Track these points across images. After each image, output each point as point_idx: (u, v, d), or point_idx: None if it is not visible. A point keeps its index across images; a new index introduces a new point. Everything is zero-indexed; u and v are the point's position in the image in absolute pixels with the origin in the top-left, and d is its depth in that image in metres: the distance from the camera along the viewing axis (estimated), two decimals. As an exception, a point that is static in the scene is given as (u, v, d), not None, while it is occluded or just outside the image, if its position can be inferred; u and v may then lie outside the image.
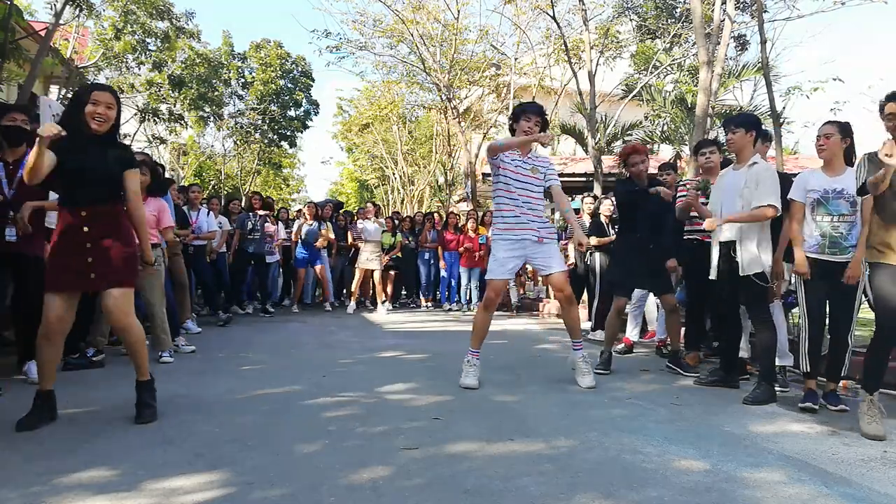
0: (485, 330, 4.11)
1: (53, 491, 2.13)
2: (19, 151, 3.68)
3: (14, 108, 3.82)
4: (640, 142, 12.98)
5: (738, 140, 3.90)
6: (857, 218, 3.54)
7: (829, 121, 3.74)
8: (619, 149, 13.57)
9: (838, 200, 3.57)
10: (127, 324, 2.95)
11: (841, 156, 3.65)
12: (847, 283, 3.49)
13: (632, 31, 14.37)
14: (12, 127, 3.61)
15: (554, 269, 4.04)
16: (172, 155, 22.88)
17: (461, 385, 3.90)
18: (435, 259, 9.84)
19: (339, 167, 32.32)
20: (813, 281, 3.63)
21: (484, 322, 4.11)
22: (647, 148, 5.06)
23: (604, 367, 4.58)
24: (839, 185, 3.58)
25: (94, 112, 2.87)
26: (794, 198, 3.73)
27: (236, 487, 2.19)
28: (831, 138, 3.61)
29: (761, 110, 11.02)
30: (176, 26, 14.19)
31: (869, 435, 3.01)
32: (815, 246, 3.63)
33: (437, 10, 14.64)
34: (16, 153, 3.67)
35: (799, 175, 3.87)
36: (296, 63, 22.64)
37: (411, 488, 2.21)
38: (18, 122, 3.64)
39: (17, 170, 3.61)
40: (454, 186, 18.57)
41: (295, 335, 6.47)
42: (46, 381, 2.95)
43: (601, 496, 2.17)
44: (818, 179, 3.68)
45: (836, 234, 3.57)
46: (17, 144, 3.66)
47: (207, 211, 7.07)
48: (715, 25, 9.37)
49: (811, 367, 3.70)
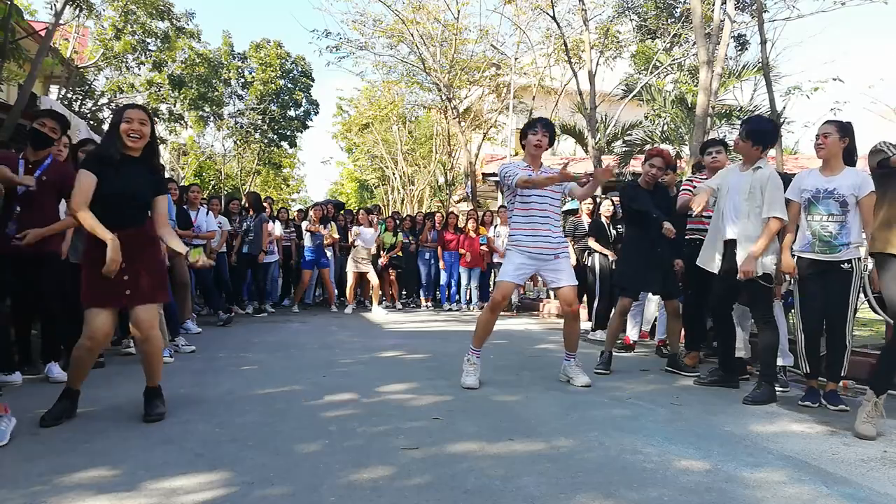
0: (488, 330, 4.11)
1: (54, 491, 2.13)
2: (41, 154, 3.84)
3: (47, 115, 3.96)
4: (640, 142, 12.99)
5: (742, 149, 3.97)
6: (847, 218, 3.54)
7: (829, 120, 3.75)
8: (618, 149, 13.60)
9: (828, 200, 3.59)
10: (152, 335, 3.06)
11: (839, 155, 3.64)
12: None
13: (632, 31, 14.38)
14: (41, 132, 3.78)
15: (564, 282, 4.05)
16: (172, 155, 22.91)
17: (462, 385, 3.90)
18: (435, 259, 9.84)
19: (339, 167, 32.36)
20: (806, 280, 3.65)
21: (488, 323, 4.10)
22: (673, 159, 5.03)
23: (604, 367, 4.58)
24: (832, 185, 3.59)
25: (128, 129, 2.96)
26: (789, 197, 3.76)
27: (236, 487, 2.19)
28: (829, 137, 3.61)
29: (761, 110, 11.01)
30: (176, 26, 14.21)
31: (861, 434, 3.00)
32: (807, 245, 3.66)
33: (437, 10, 14.65)
34: (38, 155, 3.83)
35: (797, 175, 3.89)
36: (296, 63, 22.66)
37: (411, 488, 2.21)
38: (47, 128, 3.80)
39: (35, 170, 3.77)
40: (454, 186, 18.57)
41: (295, 335, 6.47)
42: (79, 382, 3.06)
43: (601, 496, 2.17)
44: (812, 179, 3.70)
45: (826, 234, 3.58)
46: (42, 148, 3.83)
47: (207, 211, 7.06)
48: (715, 25, 9.37)
49: (810, 368, 3.71)
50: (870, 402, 3.10)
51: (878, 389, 3.12)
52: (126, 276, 2.93)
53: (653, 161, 4.69)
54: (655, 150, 4.83)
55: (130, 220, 3.00)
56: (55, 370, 3.88)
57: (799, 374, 4.58)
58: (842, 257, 3.54)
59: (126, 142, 2.97)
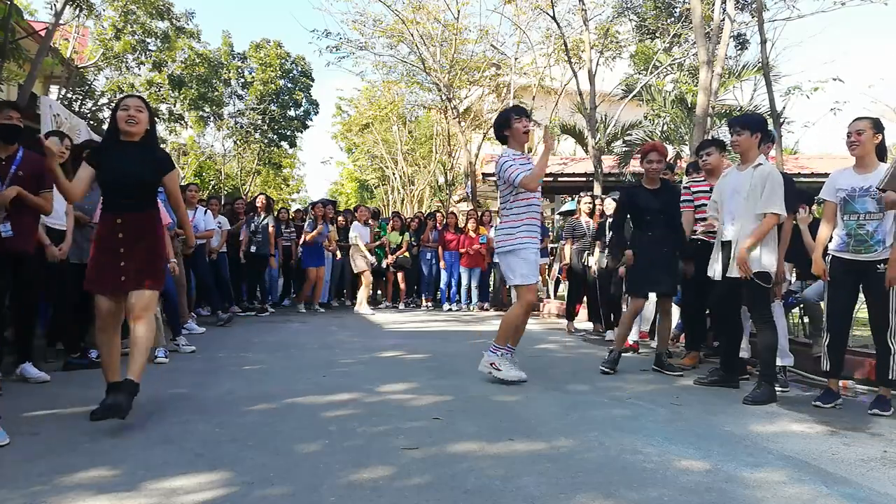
0: (520, 330, 4.25)
1: (54, 490, 2.13)
2: (12, 148, 3.68)
3: (9, 106, 3.82)
4: (640, 142, 12.98)
5: (743, 142, 3.87)
6: (884, 215, 3.47)
7: (861, 116, 3.65)
8: (618, 149, 13.60)
9: (864, 198, 3.52)
10: (145, 317, 3.00)
11: (873, 152, 3.57)
12: (889, 286, 3.41)
13: (631, 31, 14.37)
14: (7, 125, 3.62)
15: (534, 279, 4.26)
16: (172, 155, 22.90)
17: (517, 380, 4.01)
18: (436, 259, 9.84)
19: (339, 167, 32.35)
20: (838, 278, 3.60)
21: (522, 322, 4.24)
22: (666, 149, 5.06)
23: (610, 365, 4.56)
24: (867, 182, 3.51)
25: (125, 116, 3.04)
26: (824, 197, 3.72)
27: (237, 487, 2.19)
28: (863, 134, 3.52)
29: (761, 110, 11.00)
30: (176, 26, 14.20)
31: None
32: (843, 245, 3.61)
33: (437, 10, 14.64)
34: (9, 150, 3.67)
35: (831, 174, 3.82)
36: (295, 63, 22.64)
37: (411, 488, 2.21)
38: (14, 119, 3.65)
39: (9, 166, 3.60)
40: (454, 186, 18.57)
41: (295, 335, 6.47)
42: (112, 373, 3.02)
43: (601, 496, 2.17)
44: (847, 178, 3.63)
45: (862, 233, 3.52)
46: (12, 142, 3.67)
47: (205, 210, 7.07)
48: (715, 25, 9.37)
49: (831, 366, 3.65)
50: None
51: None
52: (122, 262, 2.98)
53: (649, 157, 4.69)
54: (649, 146, 4.82)
55: (131, 205, 3.04)
56: (30, 370, 3.83)
57: (798, 373, 4.59)
58: (879, 256, 3.46)
59: (124, 127, 3.03)
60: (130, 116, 3.03)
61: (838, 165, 3.80)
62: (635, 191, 4.79)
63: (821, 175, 10.27)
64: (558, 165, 15.56)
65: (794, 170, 12.58)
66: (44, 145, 2.96)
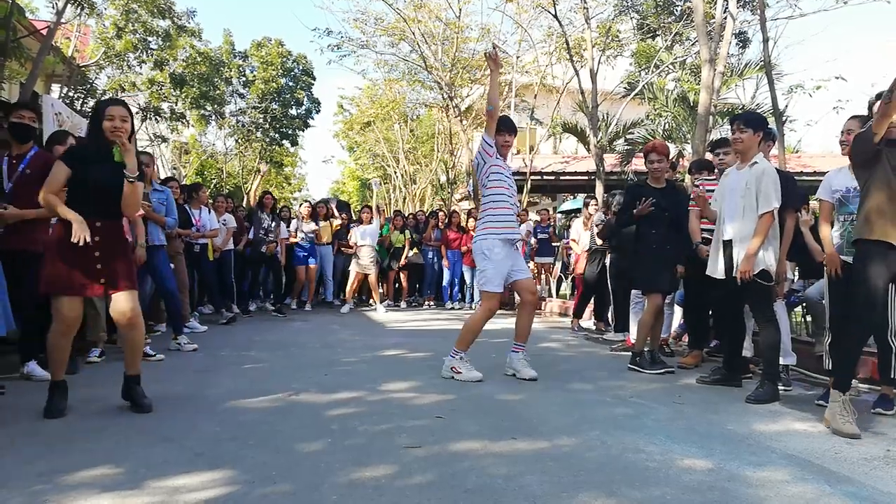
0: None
1: (56, 490, 2.13)
2: (25, 147, 3.78)
3: (22, 106, 3.93)
4: (642, 140, 12.95)
5: (746, 140, 3.84)
6: None
7: (854, 115, 3.65)
8: (620, 147, 13.58)
9: (858, 199, 3.45)
10: (139, 322, 3.17)
11: None
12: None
13: (632, 30, 14.34)
14: (20, 124, 3.73)
15: (524, 274, 4.27)
16: (174, 154, 22.90)
17: (470, 381, 3.97)
18: (438, 257, 9.83)
19: (340, 166, 32.34)
20: (836, 281, 3.59)
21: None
22: (668, 147, 5.03)
23: (661, 366, 4.53)
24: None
25: (111, 128, 3.04)
26: (821, 197, 3.71)
27: (238, 486, 2.19)
28: (854, 134, 3.49)
29: (764, 108, 10.98)
30: (177, 25, 14.18)
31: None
32: (838, 248, 3.60)
33: (439, 9, 14.64)
34: (21, 149, 3.77)
35: (827, 174, 3.81)
36: (297, 61, 22.59)
37: (413, 487, 2.21)
38: (26, 119, 3.76)
39: (19, 164, 3.70)
40: (456, 185, 18.56)
41: (297, 334, 6.47)
42: (61, 371, 3.15)
43: (604, 495, 2.17)
44: (842, 178, 3.62)
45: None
46: (25, 141, 3.77)
47: (209, 209, 7.11)
48: (717, 23, 9.34)
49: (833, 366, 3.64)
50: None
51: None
52: (99, 265, 3.02)
53: (650, 157, 4.68)
54: (648, 147, 4.80)
55: (110, 211, 3.10)
56: (36, 369, 3.84)
57: (802, 372, 4.58)
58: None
59: (109, 137, 3.04)
60: (116, 129, 3.02)
61: (841, 164, 3.79)
62: (641, 189, 4.77)
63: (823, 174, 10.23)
64: (560, 164, 15.54)
65: (797, 168, 12.57)
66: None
